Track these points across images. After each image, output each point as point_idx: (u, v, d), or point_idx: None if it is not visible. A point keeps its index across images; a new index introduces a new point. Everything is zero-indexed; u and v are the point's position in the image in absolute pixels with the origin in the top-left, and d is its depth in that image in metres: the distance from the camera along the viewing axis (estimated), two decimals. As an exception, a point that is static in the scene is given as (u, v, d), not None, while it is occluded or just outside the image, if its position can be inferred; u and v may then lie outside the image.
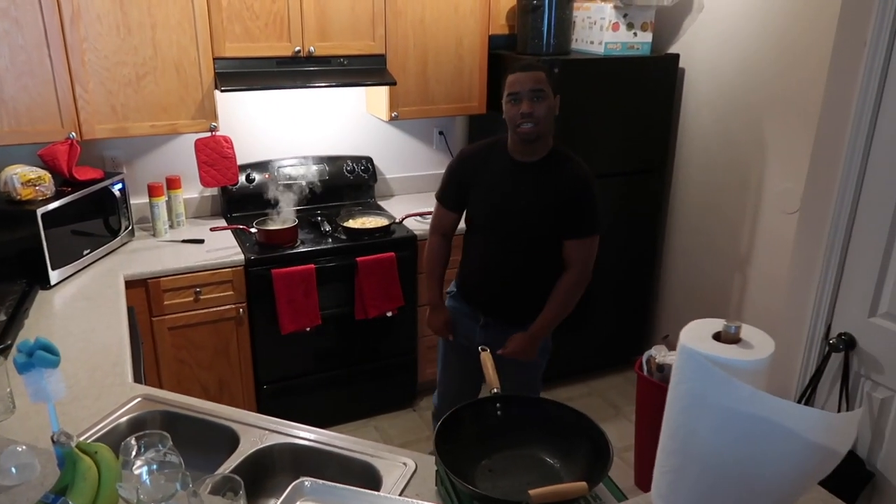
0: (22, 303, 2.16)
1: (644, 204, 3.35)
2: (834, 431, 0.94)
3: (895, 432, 1.90)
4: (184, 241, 2.86)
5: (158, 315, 2.62)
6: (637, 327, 3.61)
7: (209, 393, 2.80)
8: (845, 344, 1.97)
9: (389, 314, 3.01)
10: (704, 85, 3.13)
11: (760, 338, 1.02)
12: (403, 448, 1.58)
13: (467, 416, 1.47)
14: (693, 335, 1.03)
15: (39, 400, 1.26)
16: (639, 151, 3.22)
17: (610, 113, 3.08)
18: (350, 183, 3.33)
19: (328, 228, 3.00)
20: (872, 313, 1.92)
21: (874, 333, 1.92)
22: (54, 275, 2.38)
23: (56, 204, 2.39)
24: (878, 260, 1.88)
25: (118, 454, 1.24)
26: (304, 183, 3.20)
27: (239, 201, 3.13)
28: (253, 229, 2.86)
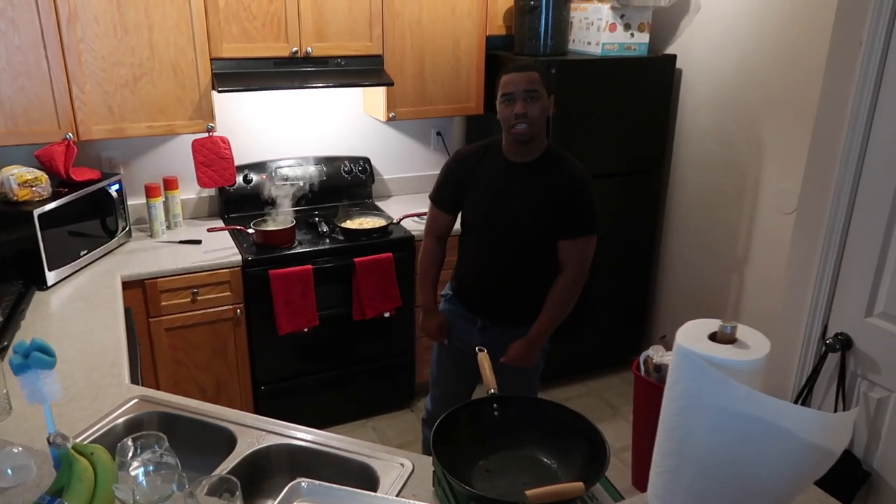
0: (18, 304, 2.16)
1: (641, 204, 3.35)
2: (830, 431, 0.94)
3: (891, 432, 1.90)
4: (181, 242, 2.85)
5: (156, 316, 2.62)
6: (634, 327, 3.62)
7: (206, 394, 2.80)
8: (842, 344, 1.98)
9: (387, 315, 3.01)
10: (701, 85, 3.13)
11: (756, 338, 1.02)
12: (401, 449, 1.58)
13: (464, 417, 1.47)
14: (689, 335, 1.03)
15: (35, 401, 1.26)
16: (636, 152, 3.23)
17: (607, 113, 3.09)
18: (347, 183, 3.33)
19: (326, 229, 3.00)
20: (869, 313, 1.93)
21: (870, 333, 1.92)
22: (51, 276, 2.38)
23: (53, 205, 2.39)
24: (875, 260, 1.89)
25: (115, 455, 1.24)
26: (302, 183, 3.19)
27: (236, 202, 3.13)
28: (250, 230, 2.86)
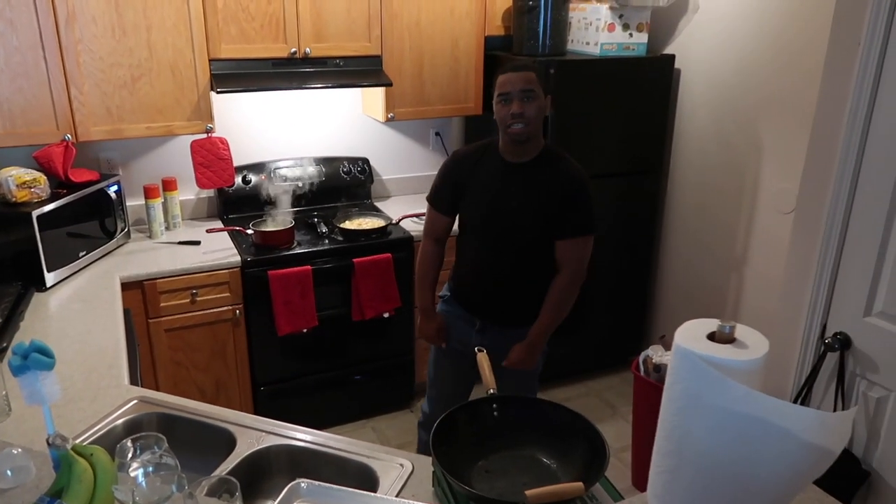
0: (17, 305, 2.16)
1: (640, 204, 3.35)
2: (828, 431, 0.94)
3: (891, 431, 1.91)
4: (180, 243, 2.85)
5: (155, 317, 2.62)
6: (634, 327, 3.62)
7: (206, 395, 2.79)
8: (841, 343, 1.98)
9: (386, 315, 3.01)
10: (700, 86, 3.13)
11: (755, 338, 1.02)
12: (400, 449, 1.58)
13: (464, 417, 1.47)
14: (688, 335, 1.03)
15: (34, 402, 1.26)
16: (635, 152, 3.23)
17: (606, 114, 3.09)
18: (346, 184, 3.33)
19: (325, 230, 3.00)
20: (867, 313, 1.93)
21: (869, 333, 1.93)
22: (50, 277, 2.37)
23: (51, 206, 2.39)
24: (873, 259, 1.89)
25: (114, 456, 1.24)
26: (301, 184, 3.20)
27: (235, 203, 3.13)
28: (249, 231, 2.86)
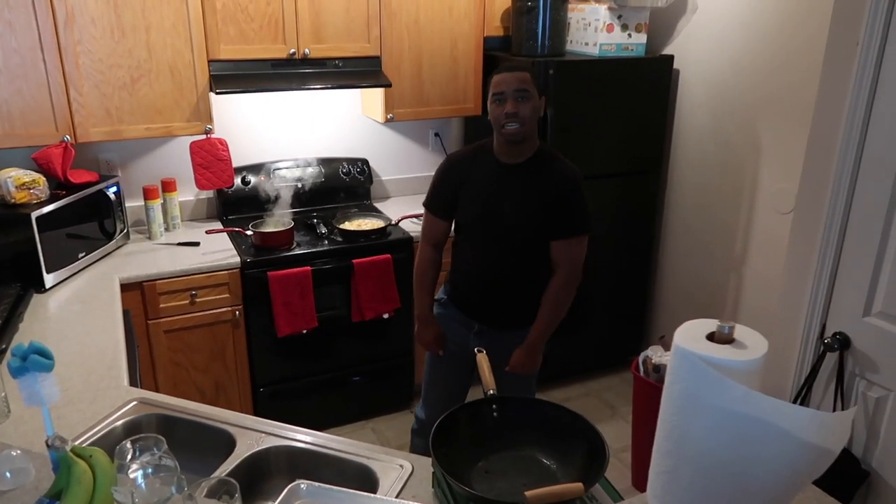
0: (16, 306, 2.16)
1: (639, 205, 3.35)
2: (827, 431, 0.94)
3: (890, 431, 1.91)
4: (179, 244, 2.85)
5: (154, 318, 2.62)
6: (633, 328, 3.62)
7: (205, 396, 2.79)
8: (840, 343, 1.98)
9: (386, 316, 3.01)
10: (699, 86, 3.14)
11: (754, 338, 1.02)
12: (400, 450, 1.58)
13: (464, 418, 1.47)
14: (687, 335, 1.03)
15: (34, 404, 1.26)
16: (634, 152, 3.23)
17: (605, 114, 3.09)
18: (346, 185, 3.33)
19: (324, 230, 3.00)
20: (867, 312, 1.93)
21: (868, 333, 1.93)
22: (49, 278, 2.37)
23: (51, 207, 2.39)
24: (872, 259, 1.89)
25: (113, 458, 1.23)
26: (300, 185, 3.20)
27: (234, 204, 3.13)
28: (249, 232, 2.86)
